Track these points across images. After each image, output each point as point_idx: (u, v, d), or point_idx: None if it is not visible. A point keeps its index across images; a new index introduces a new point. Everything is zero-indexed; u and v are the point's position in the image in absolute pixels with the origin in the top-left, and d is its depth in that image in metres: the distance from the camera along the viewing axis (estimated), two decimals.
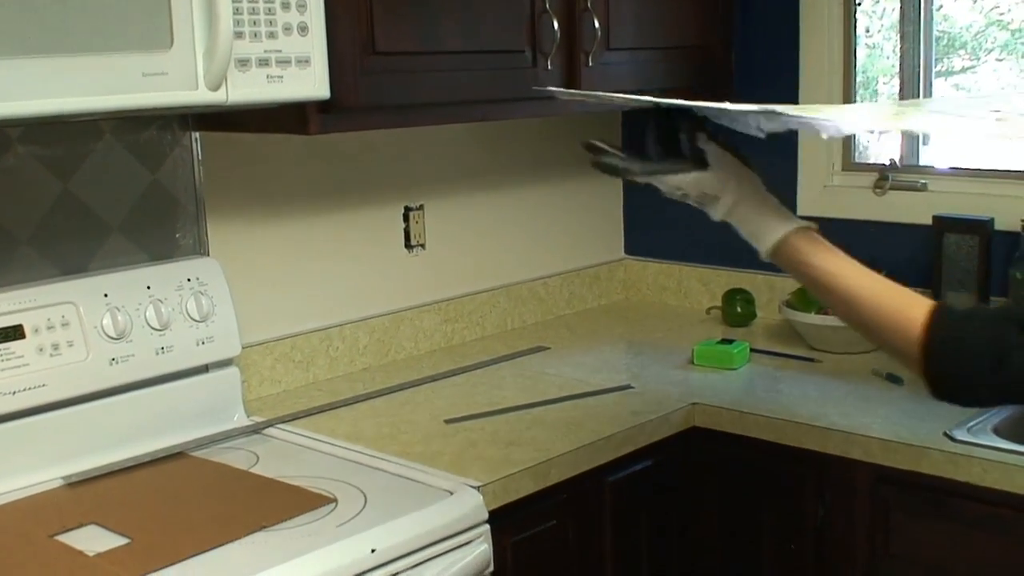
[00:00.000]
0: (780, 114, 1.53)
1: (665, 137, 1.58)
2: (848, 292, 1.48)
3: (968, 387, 1.44)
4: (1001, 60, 2.89)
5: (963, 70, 2.93)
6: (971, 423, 2.13)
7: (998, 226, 2.61)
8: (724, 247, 2.45)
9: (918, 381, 2.20)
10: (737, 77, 2.89)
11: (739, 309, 2.91)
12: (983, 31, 2.87)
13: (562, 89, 1.80)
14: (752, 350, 2.61)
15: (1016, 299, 2.53)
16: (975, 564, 2.04)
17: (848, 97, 2.87)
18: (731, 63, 2.88)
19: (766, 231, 1.52)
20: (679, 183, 1.56)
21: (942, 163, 2.80)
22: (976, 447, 2.03)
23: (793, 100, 2.88)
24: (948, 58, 2.89)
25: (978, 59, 2.90)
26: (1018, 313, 1.46)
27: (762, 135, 1.65)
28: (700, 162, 1.56)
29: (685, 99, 1.62)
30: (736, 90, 2.87)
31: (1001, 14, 2.81)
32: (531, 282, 3.04)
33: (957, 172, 2.75)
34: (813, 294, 1.55)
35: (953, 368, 1.43)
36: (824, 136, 1.59)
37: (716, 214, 1.58)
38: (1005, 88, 2.70)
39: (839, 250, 1.51)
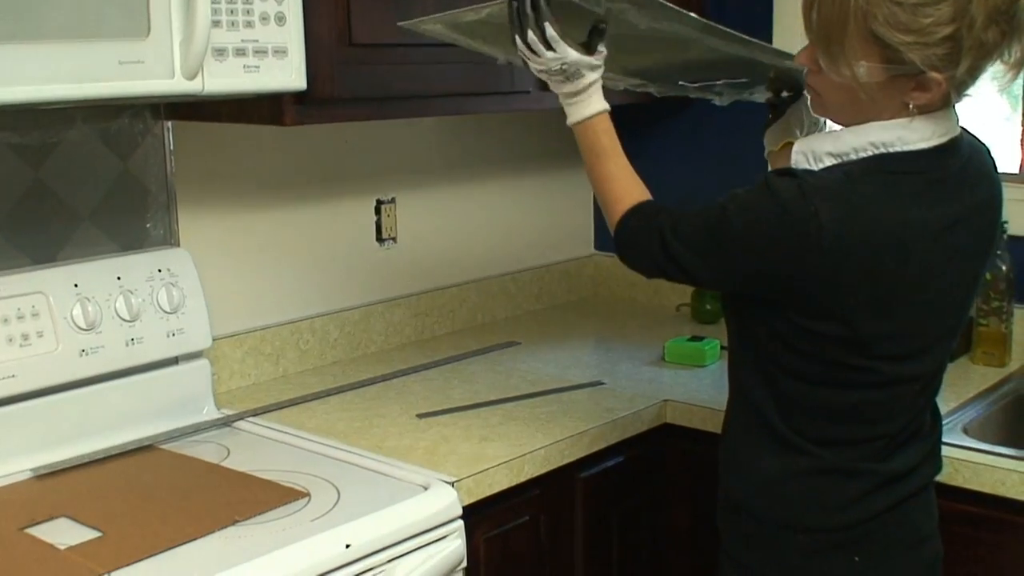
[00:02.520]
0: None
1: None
2: (612, 162, 1.86)
3: (635, 264, 1.82)
4: None
5: None
6: (942, 423, 2.14)
7: None
8: None
9: None
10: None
11: (708, 306, 2.91)
12: None
13: (425, 18, 1.93)
14: (722, 347, 2.61)
15: (985, 299, 2.55)
16: (945, 563, 2.05)
17: None
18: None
19: (592, 104, 1.84)
20: (564, 54, 1.79)
21: None
22: (946, 446, 2.03)
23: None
24: None
25: None
26: (673, 234, 1.72)
27: (724, 104, 2.13)
28: (588, 48, 1.82)
29: None
30: None
31: None
32: (501, 277, 3.04)
33: None
34: (587, 156, 1.89)
35: (631, 258, 1.82)
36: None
37: (563, 88, 1.85)
38: None
39: (613, 135, 1.86)
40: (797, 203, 1.57)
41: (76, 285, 2.05)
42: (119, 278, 2.11)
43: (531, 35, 1.78)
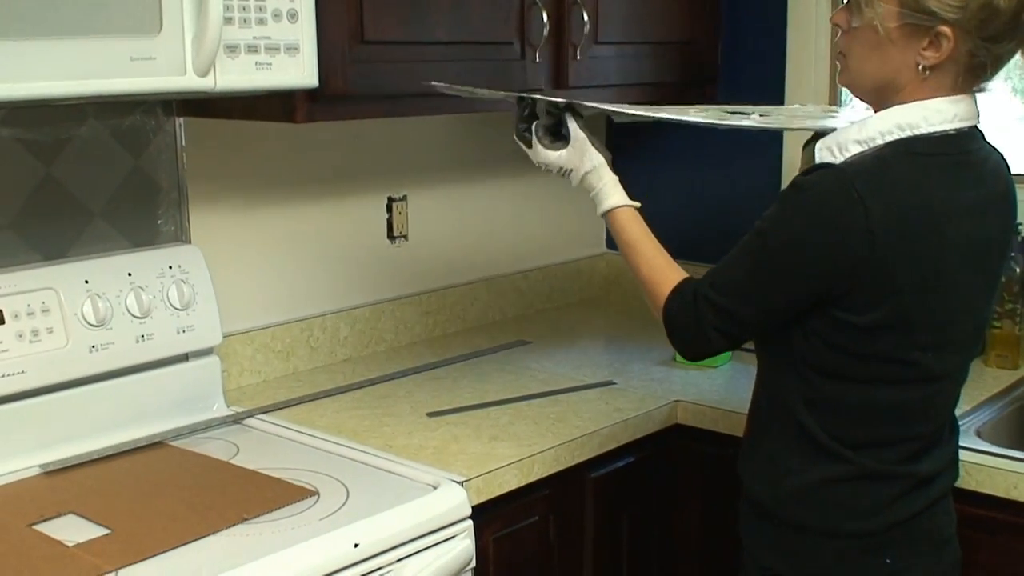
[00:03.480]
0: (628, 113, 2.02)
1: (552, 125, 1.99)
2: (635, 260, 1.88)
3: (691, 349, 1.82)
4: None
5: None
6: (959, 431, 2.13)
7: None
8: (705, 243, 2.46)
9: None
10: (724, 71, 2.89)
11: None
12: None
13: (445, 85, 2.05)
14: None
15: (998, 301, 2.54)
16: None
17: (834, 91, 2.86)
18: (718, 58, 2.88)
19: (604, 199, 1.90)
20: (546, 157, 1.95)
21: None
22: (960, 450, 2.03)
23: (780, 93, 2.88)
24: None
25: None
26: (709, 296, 1.73)
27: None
28: (564, 141, 1.94)
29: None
30: (722, 85, 2.88)
31: None
32: (512, 275, 3.03)
33: None
34: (620, 250, 1.93)
35: (678, 337, 1.81)
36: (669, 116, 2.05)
37: (573, 182, 1.95)
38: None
39: (643, 224, 1.90)
40: (838, 191, 1.60)
41: (87, 281, 2.05)
42: (130, 274, 2.11)
43: (534, 135, 1.98)
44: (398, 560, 1.75)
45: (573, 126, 1.93)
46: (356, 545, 1.70)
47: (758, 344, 1.82)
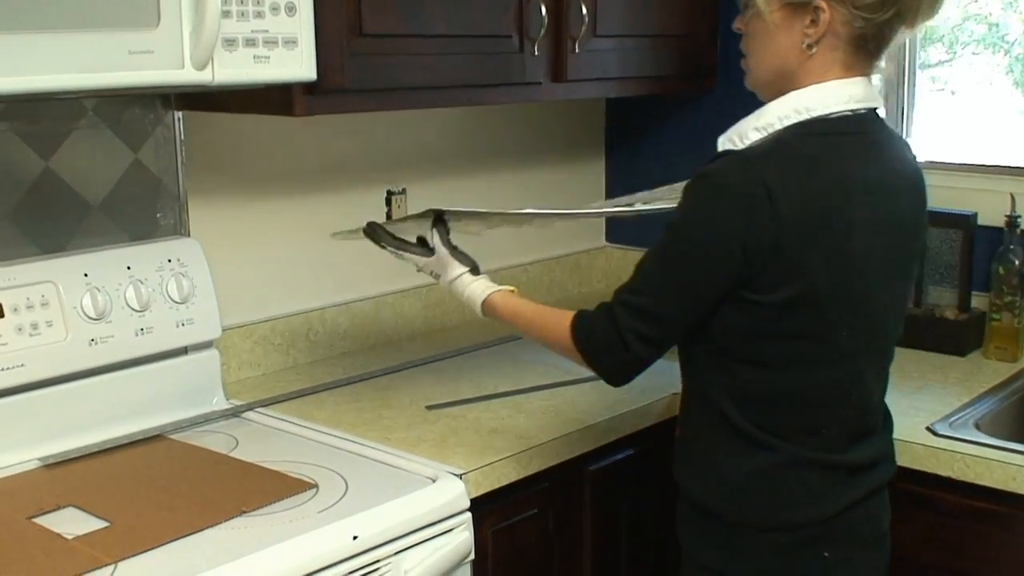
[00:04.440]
0: (536, 214, 2.19)
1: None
2: (526, 323, 1.94)
3: (616, 369, 1.79)
4: (977, 55, 2.89)
5: (939, 63, 2.94)
6: (953, 418, 2.14)
7: (981, 221, 2.61)
8: None
9: (899, 375, 2.23)
10: (722, 66, 2.88)
11: None
12: (960, 24, 2.88)
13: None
14: None
15: (998, 293, 2.54)
16: (956, 558, 2.05)
17: None
18: (716, 52, 2.88)
19: (474, 302, 2.00)
20: (416, 262, 2.08)
21: (925, 157, 2.80)
22: (958, 442, 2.04)
23: None
24: (925, 51, 2.89)
25: (954, 53, 2.91)
26: (625, 300, 1.74)
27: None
28: (431, 251, 2.05)
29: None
30: (720, 78, 2.87)
31: (979, 8, 2.82)
32: (512, 268, 3.03)
33: (940, 167, 2.75)
34: (516, 330, 2.00)
35: (599, 360, 1.79)
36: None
37: (442, 286, 2.07)
38: None
39: (519, 297, 1.98)
40: (740, 174, 1.63)
41: (86, 275, 2.05)
42: (129, 268, 2.11)
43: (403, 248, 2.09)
44: (397, 553, 1.76)
45: (436, 240, 2.03)
46: (355, 538, 1.71)
47: (679, 342, 1.80)
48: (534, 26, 2.36)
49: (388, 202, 2.70)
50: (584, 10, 2.44)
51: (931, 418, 2.14)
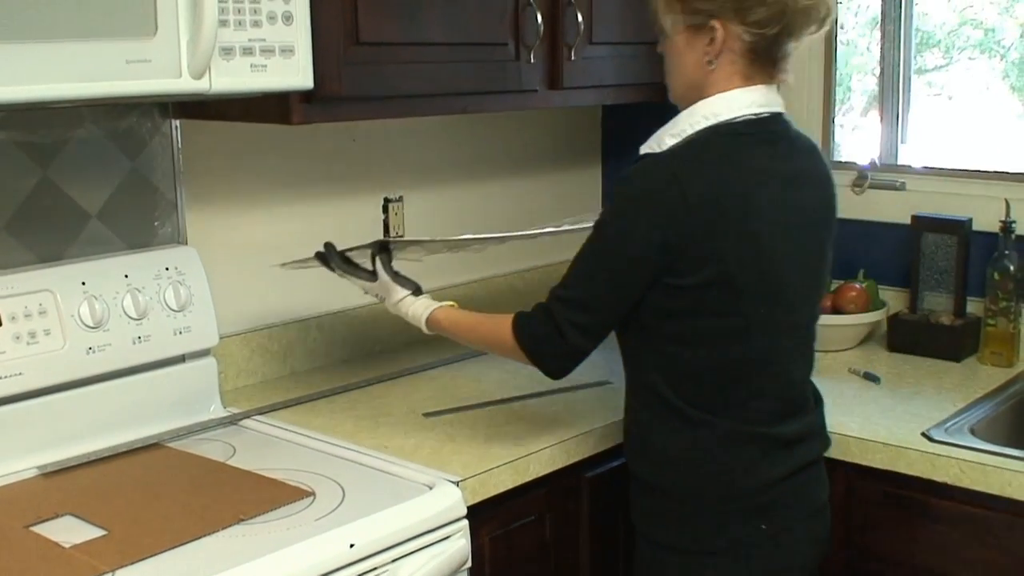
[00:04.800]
0: (472, 240, 2.29)
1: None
2: (469, 332, 2.08)
3: (556, 360, 1.94)
4: (973, 59, 2.90)
5: (936, 68, 2.95)
6: (949, 424, 2.15)
7: (976, 226, 2.62)
8: None
9: (894, 380, 2.24)
10: None
11: None
12: (956, 30, 2.88)
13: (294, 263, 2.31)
14: None
15: (993, 299, 2.55)
16: (952, 564, 2.05)
17: (828, 94, 2.87)
18: None
19: (418, 321, 2.10)
20: (362, 286, 2.17)
21: (920, 163, 2.81)
22: (953, 447, 2.04)
23: None
24: (921, 56, 2.90)
25: (951, 58, 2.92)
26: (559, 295, 1.91)
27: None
28: (375, 276, 2.14)
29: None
30: None
31: (975, 13, 2.83)
32: (508, 275, 3.04)
33: (935, 172, 2.76)
34: (462, 342, 2.14)
35: (539, 353, 1.94)
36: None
37: (388, 307, 2.17)
38: None
39: (460, 309, 2.10)
40: (654, 175, 1.82)
41: (84, 283, 2.05)
42: (126, 276, 2.11)
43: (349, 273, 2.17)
44: (394, 560, 1.76)
45: (379, 267, 2.14)
46: (352, 545, 1.71)
47: (616, 331, 1.96)
48: (530, 34, 2.37)
49: (385, 209, 2.70)
50: (580, 17, 2.45)
51: (926, 423, 2.15)
